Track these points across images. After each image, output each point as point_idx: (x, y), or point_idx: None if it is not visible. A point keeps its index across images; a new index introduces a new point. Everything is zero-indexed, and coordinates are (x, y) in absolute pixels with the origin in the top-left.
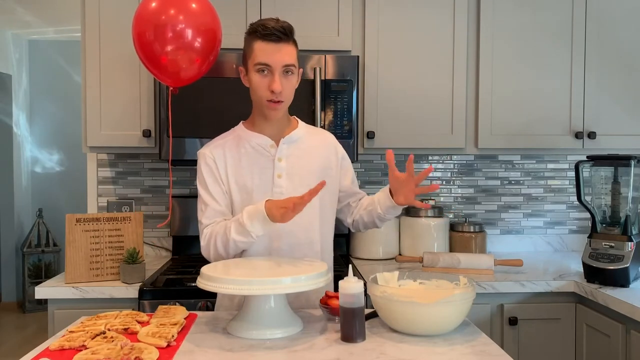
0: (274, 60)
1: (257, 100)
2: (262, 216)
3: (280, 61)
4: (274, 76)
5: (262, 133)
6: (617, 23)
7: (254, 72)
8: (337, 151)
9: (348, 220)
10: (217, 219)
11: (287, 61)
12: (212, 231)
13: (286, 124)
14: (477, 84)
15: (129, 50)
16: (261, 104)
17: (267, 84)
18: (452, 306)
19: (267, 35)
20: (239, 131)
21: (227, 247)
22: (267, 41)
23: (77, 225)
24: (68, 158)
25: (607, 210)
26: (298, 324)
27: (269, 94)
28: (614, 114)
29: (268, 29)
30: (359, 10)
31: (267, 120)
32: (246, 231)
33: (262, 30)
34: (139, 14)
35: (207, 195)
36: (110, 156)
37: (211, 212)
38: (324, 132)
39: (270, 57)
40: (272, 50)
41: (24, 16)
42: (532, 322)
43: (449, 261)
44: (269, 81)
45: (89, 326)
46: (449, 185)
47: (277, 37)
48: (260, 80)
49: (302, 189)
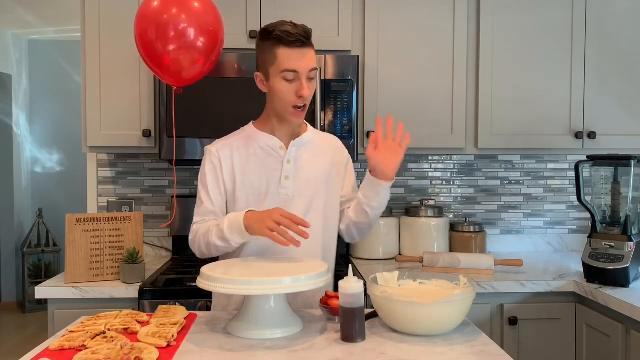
0: (300, 66)
1: (281, 106)
2: (240, 227)
3: (307, 67)
4: (302, 82)
5: (272, 134)
6: (617, 23)
7: (279, 79)
8: (343, 155)
9: (341, 227)
10: (207, 217)
11: (312, 65)
12: (198, 229)
13: (297, 126)
14: (477, 84)
15: (129, 50)
16: (285, 110)
17: (294, 90)
18: (452, 306)
19: (292, 42)
20: (248, 131)
21: (209, 248)
22: (292, 47)
23: (77, 225)
24: (68, 158)
25: (607, 210)
26: (298, 324)
27: (296, 100)
28: (614, 114)
29: (293, 35)
30: (359, 10)
31: (283, 124)
32: (225, 238)
33: (286, 37)
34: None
35: (205, 193)
36: (110, 156)
37: (203, 210)
38: (331, 137)
39: (297, 64)
40: (298, 56)
41: (24, 16)
42: (532, 322)
43: (449, 261)
44: (296, 87)
45: (89, 326)
46: (449, 185)
47: (302, 43)
48: (287, 87)
49: (307, 191)
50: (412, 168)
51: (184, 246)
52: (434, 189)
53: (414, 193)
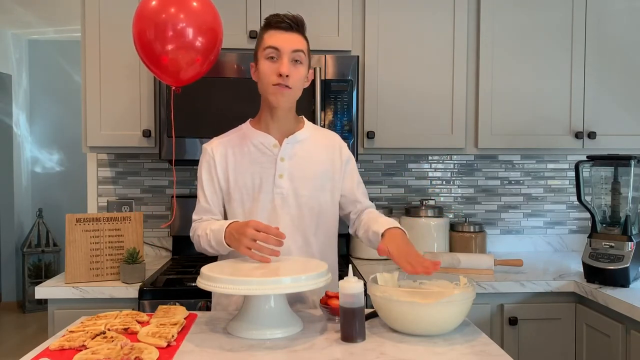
0: (282, 45)
1: (263, 89)
2: (222, 241)
3: (290, 45)
4: (283, 60)
5: (267, 132)
6: (617, 23)
7: (263, 59)
8: (342, 153)
9: (350, 231)
10: (204, 216)
11: (296, 46)
12: (196, 228)
13: (293, 123)
14: (477, 84)
15: (129, 50)
16: (267, 91)
17: (275, 69)
18: (452, 306)
19: (277, 23)
20: (244, 129)
21: (206, 249)
22: (278, 29)
23: (77, 225)
24: (68, 158)
25: (607, 210)
26: (298, 324)
27: (275, 78)
28: (614, 114)
29: (279, 16)
30: (359, 10)
31: (275, 119)
32: (214, 248)
33: (274, 20)
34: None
35: (201, 191)
36: (110, 156)
37: (200, 209)
38: (331, 133)
39: (279, 41)
40: (282, 35)
41: (24, 16)
42: (532, 322)
43: (449, 261)
44: (277, 66)
45: (89, 326)
46: (449, 185)
47: (288, 25)
48: (269, 67)
49: (303, 190)
50: (412, 168)
51: (184, 246)
52: (434, 189)
53: (414, 193)
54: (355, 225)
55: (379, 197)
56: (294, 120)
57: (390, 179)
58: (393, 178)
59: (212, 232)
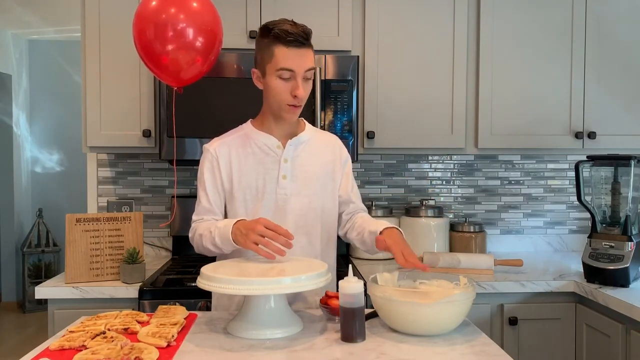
0: (297, 65)
1: (275, 104)
2: (229, 239)
3: (303, 66)
4: (297, 81)
5: (270, 133)
6: (617, 23)
7: (274, 77)
8: (342, 155)
9: (340, 232)
10: (204, 216)
11: (309, 66)
12: (196, 228)
13: (295, 125)
14: (477, 84)
15: (129, 50)
16: (279, 107)
17: (289, 89)
18: (452, 306)
19: (290, 42)
20: (246, 129)
21: (207, 249)
22: (290, 47)
23: (77, 225)
24: (68, 158)
25: (607, 210)
26: (298, 324)
27: (290, 99)
28: (614, 114)
29: (291, 34)
30: (359, 10)
31: (279, 122)
32: (218, 246)
33: (284, 36)
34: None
35: (202, 191)
36: (110, 156)
37: (201, 209)
38: (330, 135)
39: (293, 63)
40: (295, 55)
41: (24, 16)
42: (532, 322)
43: (449, 261)
44: (291, 86)
45: (89, 326)
46: (449, 185)
47: (300, 43)
48: (282, 85)
49: (306, 191)
50: (412, 168)
51: (184, 246)
52: (434, 189)
53: (414, 193)
54: (347, 227)
55: (379, 197)
56: (296, 122)
57: (390, 179)
58: (393, 178)
59: (218, 229)
